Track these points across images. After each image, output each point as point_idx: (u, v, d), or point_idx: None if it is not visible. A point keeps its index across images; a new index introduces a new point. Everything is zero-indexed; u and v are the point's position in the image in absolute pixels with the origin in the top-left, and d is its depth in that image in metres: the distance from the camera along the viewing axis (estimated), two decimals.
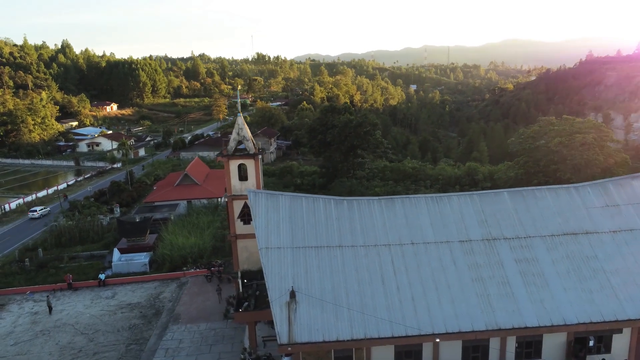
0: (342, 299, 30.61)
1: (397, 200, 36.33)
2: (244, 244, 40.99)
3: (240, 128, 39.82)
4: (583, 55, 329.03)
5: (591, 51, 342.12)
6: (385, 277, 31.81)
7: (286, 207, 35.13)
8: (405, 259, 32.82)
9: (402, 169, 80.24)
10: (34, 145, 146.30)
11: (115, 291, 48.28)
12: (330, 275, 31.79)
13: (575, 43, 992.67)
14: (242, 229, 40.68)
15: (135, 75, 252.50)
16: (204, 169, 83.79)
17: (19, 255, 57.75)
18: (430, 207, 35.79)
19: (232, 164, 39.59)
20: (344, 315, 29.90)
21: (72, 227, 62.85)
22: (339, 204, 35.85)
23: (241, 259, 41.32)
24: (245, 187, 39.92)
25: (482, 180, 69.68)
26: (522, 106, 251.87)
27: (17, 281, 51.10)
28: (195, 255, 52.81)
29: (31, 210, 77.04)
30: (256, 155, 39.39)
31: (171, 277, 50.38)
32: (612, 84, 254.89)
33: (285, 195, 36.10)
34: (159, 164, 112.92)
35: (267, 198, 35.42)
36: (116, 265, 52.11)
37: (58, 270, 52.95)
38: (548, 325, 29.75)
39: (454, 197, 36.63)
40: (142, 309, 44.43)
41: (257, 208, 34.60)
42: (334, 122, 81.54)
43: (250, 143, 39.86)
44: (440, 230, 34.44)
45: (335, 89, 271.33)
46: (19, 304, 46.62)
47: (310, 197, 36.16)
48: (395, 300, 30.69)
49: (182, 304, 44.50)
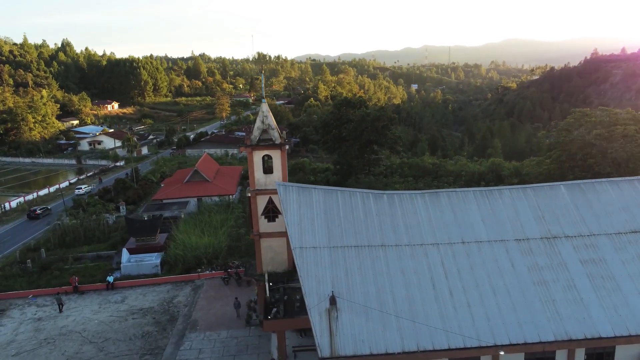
0: (389, 306, 27.01)
1: (443, 195, 32.71)
2: (268, 244, 37.42)
3: (265, 115, 36.21)
4: (584, 55, 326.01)
5: (596, 49, 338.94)
6: (436, 281, 28.19)
7: (320, 202, 31.53)
8: (456, 260, 29.20)
9: (421, 164, 76.55)
10: (34, 144, 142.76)
11: (125, 295, 44.59)
12: (373, 278, 28.19)
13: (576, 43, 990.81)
14: (266, 227, 37.11)
15: (137, 73, 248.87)
16: (214, 165, 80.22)
17: (20, 256, 54.02)
18: (480, 202, 32.18)
19: (256, 155, 35.96)
20: (392, 324, 26.30)
21: (76, 226, 59.14)
22: (378, 198, 32.24)
23: (265, 259, 37.74)
24: (270, 181, 36.37)
25: (509, 176, 65.93)
26: (527, 105, 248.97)
27: (18, 284, 47.25)
28: (209, 256, 49.13)
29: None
30: (283, 145, 35.77)
31: (185, 280, 46.74)
32: (618, 82, 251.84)
33: (319, 189, 32.50)
34: (164, 161, 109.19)
35: (299, 192, 31.82)
36: (125, 266, 48.39)
37: (62, 272, 49.12)
38: (625, 335, 26.16)
39: (505, 191, 33.00)
40: (155, 314, 40.74)
41: (289, 203, 31.01)
42: (349, 117, 77.93)
43: (276, 132, 36.24)
44: (494, 227, 30.83)
45: (338, 87, 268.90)
46: (20, 309, 42.93)
47: (347, 191, 32.54)
48: (448, 307, 27.08)
49: (199, 309, 40.84)
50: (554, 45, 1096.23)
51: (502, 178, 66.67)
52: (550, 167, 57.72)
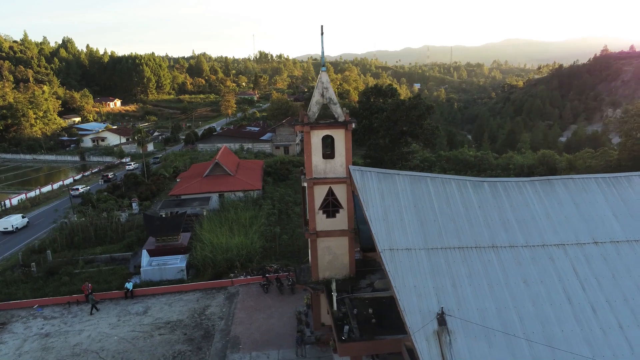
0: (516, 326, 20.39)
1: (557, 183, 26.06)
2: (326, 244, 30.79)
3: (325, 87, 29.60)
4: (583, 55, 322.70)
5: (606, 46, 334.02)
6: (571, 293, 21.58)
7: (407, 191, 24.93)
8: (591, 266, 22.59)
9: (461, 157, 70.16)
10: (35, 140, 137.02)
11: (147, 305, 37.96)
12: (489, 289, 21.59)
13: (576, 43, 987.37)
14: (325, 224, 30.51)
15: (139, 70, 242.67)
16: (234, 158, 73.62)
17: (23, 258, 47.38)
18: (606, 192, 25.57)
19: (314, 136, 29.31)
20: (523, 351, 19.67)
21: (86, 225, 52.48)
22: (478, 187, 25.62)
23: (322, 263, 31.12)
24: (331, 168, 29.80)
25: (566, 169, 59.42)
26: (537, 102, 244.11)
27: (21, 292, 40.44)
28: (243, 259, 42.48)
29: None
30: (348, 123, 29.12)
31: (216, 286, 40.12)
32: (629, 80, 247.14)
33: (403, 174, 25.88)
34: (175, 156, 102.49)
35: (380, 179, 25.26)
36: (146, 271, 41.66)
37: (72, 278, 42.42)
38: None
39: (634, 178, 26.36)
40: (186, 329, 34.10)
41: (369, 193, 24.45)
42: (380, 106, 71.50)
43: (339, 108, 29.64)
44: (630, 223, 24.21)
45: (345, 84, 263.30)
46: (24, 322, 36.29)
47: (438, 178, 25.92)
48: (595, 329, 20.46)
49: (238, 323, 34.20)
50: (554, 45, 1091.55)
51: (558, 171, 60.21)
52: (620, 157, 51.26)
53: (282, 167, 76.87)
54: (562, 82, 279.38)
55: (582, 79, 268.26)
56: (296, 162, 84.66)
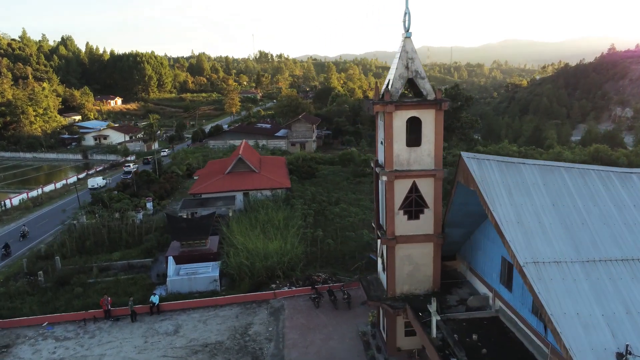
0: None
1: None
2: (406, 252, 25.11)
3: (411, 58, 23.93)
4: (582, 55, 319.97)
5: (613, 45, 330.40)
6: None
7: (539, 185, 19.33)
8: None
9: (503, 153, 64.52)
10: (35, 138, 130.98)
11: (177, 322, 32.16)
12: None
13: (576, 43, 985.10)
14: (405, 227, 24.83)
15: (140, 68, 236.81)
16: (256, 154, 67.81)
17: (28, 265, 41.49)
18: None
19: (397, 118, 23.60)
20: None
21: (98, 227, 46.64)
22: (626, 180, 20.01)
23: (400, 275, 25.42)
24: (416, 158, 24.13)
25: (627, 165, 53.92)
26: (544, 101, 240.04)
27: (27, 306, 34.49)
28: (285, 267, 36.74)
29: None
30: (442, 102, 23.37)
31: (256, 300, 34.36)
32: (637, 78, 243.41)
33: (529, 164, 20.25)
34: (185, 153, 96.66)
35: (502, 170, 19.65)
36: (173, 281, 35.79)
37: (87, 289, 36.57)
38: None
39: None
40: (228, 353, 28.29)
41: (492, 188, 18.83)
42: None
43: (428, 84, 23.95)
44: None
45: (350, 82, 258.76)
46: (32, 344, 30.41)
47: (574, 169, 20.29)
48: None
49: (291, 346, 28.40)
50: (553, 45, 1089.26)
51: (619, 167, 54.56)
52: None
53: (304, 165, 71.39)
54: (568, 81, 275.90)
55: (589, 77, 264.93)
56: (318, 159, 79.08)
